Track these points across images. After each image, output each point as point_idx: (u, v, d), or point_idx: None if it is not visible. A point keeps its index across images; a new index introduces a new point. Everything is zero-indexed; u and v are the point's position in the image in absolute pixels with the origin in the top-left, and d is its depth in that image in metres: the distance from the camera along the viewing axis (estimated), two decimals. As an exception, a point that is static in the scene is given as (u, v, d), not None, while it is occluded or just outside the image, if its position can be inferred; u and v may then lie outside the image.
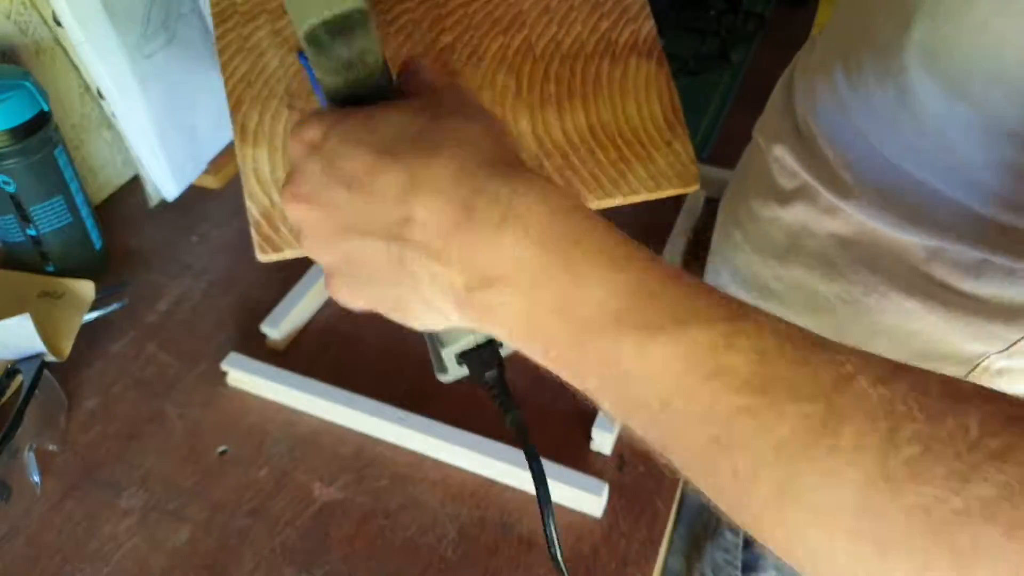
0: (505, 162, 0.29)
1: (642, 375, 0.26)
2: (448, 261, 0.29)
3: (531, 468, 0.36)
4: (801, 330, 0.25)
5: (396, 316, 0.33)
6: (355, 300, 0.34)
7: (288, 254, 0.51)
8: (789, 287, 0.51)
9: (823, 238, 0.48)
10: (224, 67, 0.51)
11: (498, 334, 0.30)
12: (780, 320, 0.26)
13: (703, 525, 0.62)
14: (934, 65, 0.38)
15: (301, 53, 0.51)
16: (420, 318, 0.33)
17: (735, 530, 0.59)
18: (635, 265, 0.27)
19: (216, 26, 0.52)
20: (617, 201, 0.52)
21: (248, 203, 0.50)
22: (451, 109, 0.31)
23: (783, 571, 0.58)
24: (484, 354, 0.37)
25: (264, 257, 0.49)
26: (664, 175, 0.53)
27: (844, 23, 0.48)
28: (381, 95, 0.35)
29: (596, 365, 0.27)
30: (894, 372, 0.24)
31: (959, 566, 0.21)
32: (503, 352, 0.38)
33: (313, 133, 0.33)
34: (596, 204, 0.52)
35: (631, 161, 0.53)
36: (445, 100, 0.32)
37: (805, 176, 0.49)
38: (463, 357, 0.38)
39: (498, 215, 0.28)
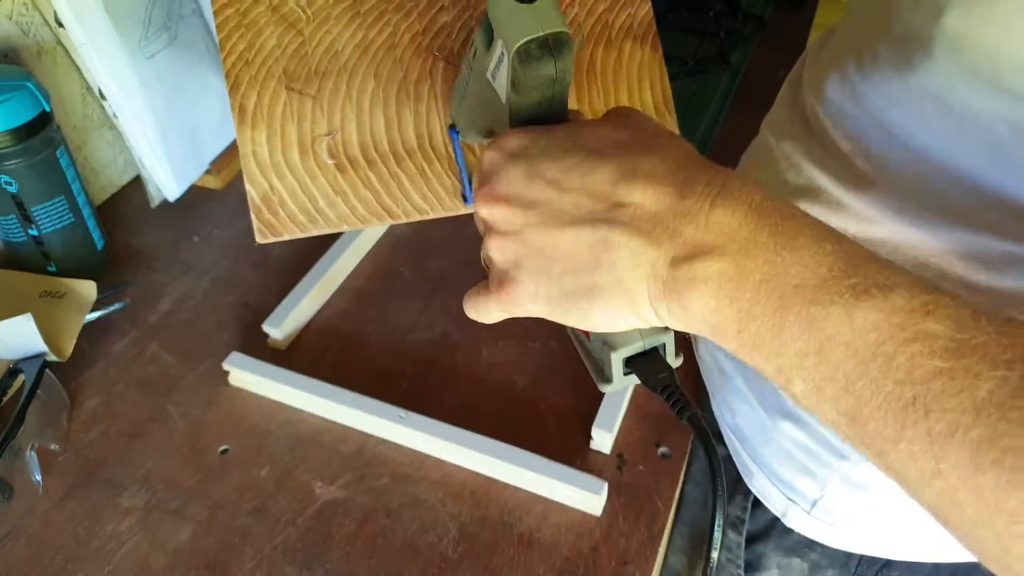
0: (710, 163, 0.32)
1: (844, 340, 0.27)
2: (657, 239, 0.30)
3: (710, 465, 0.36)
4: (994, 308, 0.26)
5: (578, 313, 0.34)
6: (536, 296, 0.35)
7: (286, 237, 0.50)
8: None
9: None
10: (222, 44, 0.51)
11: (694, 312, 0.30)
12: (966, 299, 0.27)
13: (705, 524, 0.63)
14: (964, 54, 0.38)
15: (452, 128, 0.50)
16: (607, 309, 0.33)
17: (738, 530, 0.59)
18: (838, 237, 0.29)
19: (213, 1, 0.51)
20: None
21: (248, 187, 0.50)
22: (649, 127, 0.34)
23: (785, 569, 0.58)
24: (652, 359, 0.38)
25: (263, 240, 0.49)
26: None
27: (860, 17, 0.47)
28: (560, 119, 0.38)
29: (796, 334, 0.28)
30: None
31: None
32: (668, 359, 0.38)
33: (515, 143, 0.35)
34: None
35: None
36: (637, 119, 0.35)
37: (813, 172, 0.49)
38: (630, 364, 0.38)
39: (712, 194, 0.30)
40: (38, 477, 0.56)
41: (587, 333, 0.39)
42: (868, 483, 0.49)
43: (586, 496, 0.54)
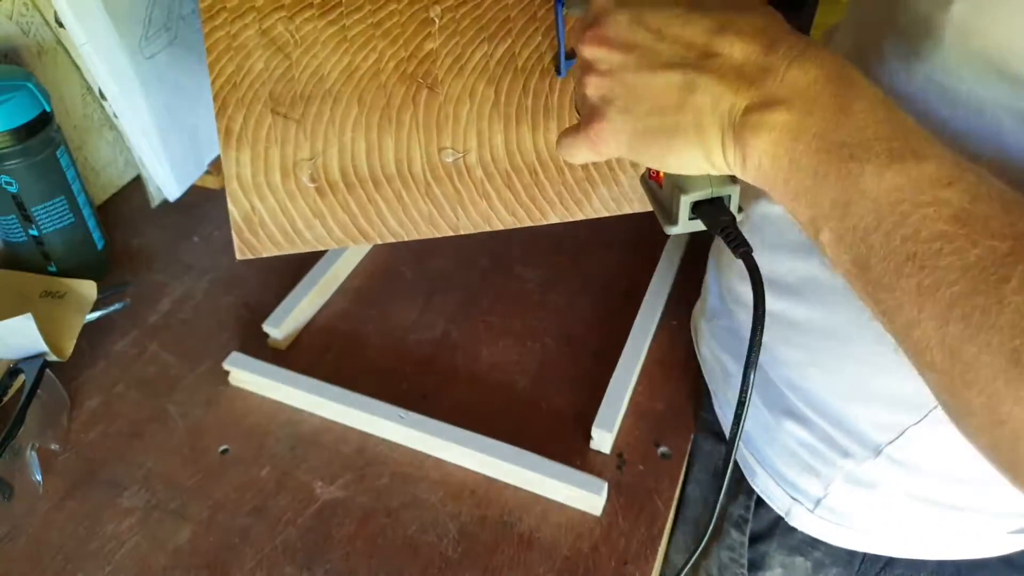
0: (796, 31, 0.35)
1: (872, 195, 0.30)
2: (737, 88, 0.34)
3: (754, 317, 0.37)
4: (1017, 193, 0.30)
5: (657, 150, 0.37)
6: (622, 132, 0.38)
7: (265, 255, 0.52)
8: (804, 279, 0.51)
9: None
10: (211, 67, 0.52)
11: (753, 158, 0.34)
12: (998, 182, 0.30)
13: (707, 524, 0.63)
14: (972, 41, 0.38)
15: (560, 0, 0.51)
16: (683, 150, 0.36)
17: (741, 529, 0.59)
18: (892, 109, 0.32)
19: (204, 23, 0.52)
20: (578, 218, 0.53)
21: (230, 206, 0.51)
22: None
23: (788, 568, 0.58)
24: (717, 207, 0.40)
25: (242, 257, 0.51)
26: (627, 197, 0.54)
27: (863, 13, 0.47)
28: None
29: (834, 185, 0.32)
30: None
31: None
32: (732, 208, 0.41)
33: None
34: (555, 219, 0.53)
35: (596, 182, 0.54)
36: None
37: None
38: (696, 210, 0.40)
39: (792, 55, 0.33)
40: (38, 477, 0.56)
41: (659, 180, 0.42)
42: (872, 481, 0.49)
43: (586, 496, 0.54)
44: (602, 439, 0.58)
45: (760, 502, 0.57)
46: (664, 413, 0.61)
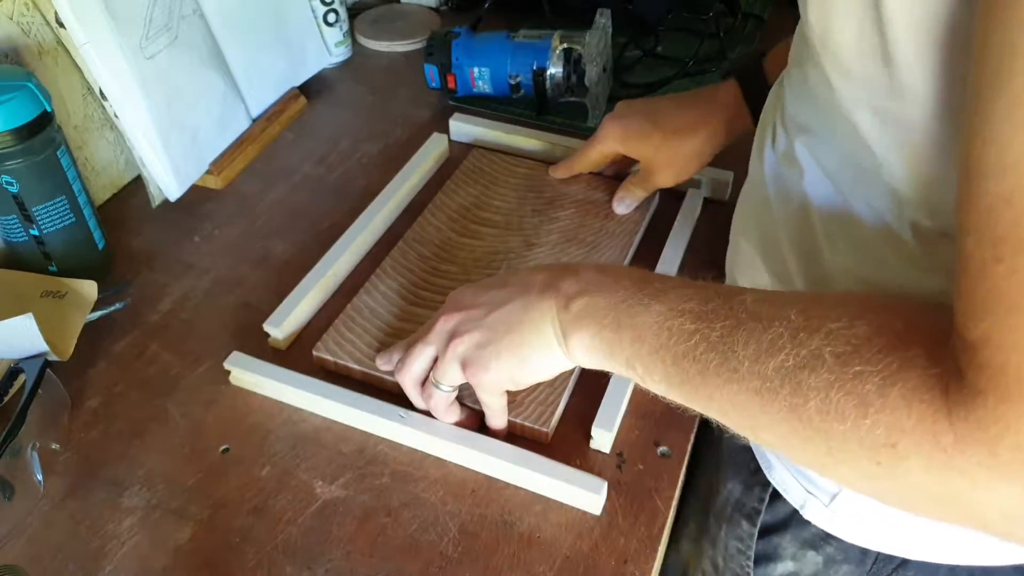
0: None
1: (649, 324, 0.43)
2: (554, 295, 0.49)
3: None
4: (734, 287, 0.44)
5: (515, 362, 0.51)
6: (495, 361, 0.51)
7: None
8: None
9: None
10: None
11: (582, 337, 0.47)
12: (722, 286, 0.43)
13: (719, 511, 0.63)
14: (821, 43, 0.39)
15: None
16: (533, 356, 0.50)
17: (752, 520, 0.59)
18: (643, 272, 0.48)
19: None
20: None
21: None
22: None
23: (800, 561, 0.58)
24: None
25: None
26: None
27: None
28: None
29: (627, 331, 0.44)
30: (768, 295, 0.41)
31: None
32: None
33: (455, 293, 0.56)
34: None
35: None
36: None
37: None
38: None
39: (575, 269, 0.50)
40: (39, 477, 0.56)
41: None
42: None
43: (586, 495, 0.54)
44: (602, 439, 0.58)
45: (776, 495, 0.58)
46: (664, 413, 0.61)
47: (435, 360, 0.55)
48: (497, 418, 0.57)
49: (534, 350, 0.50)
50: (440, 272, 0.69)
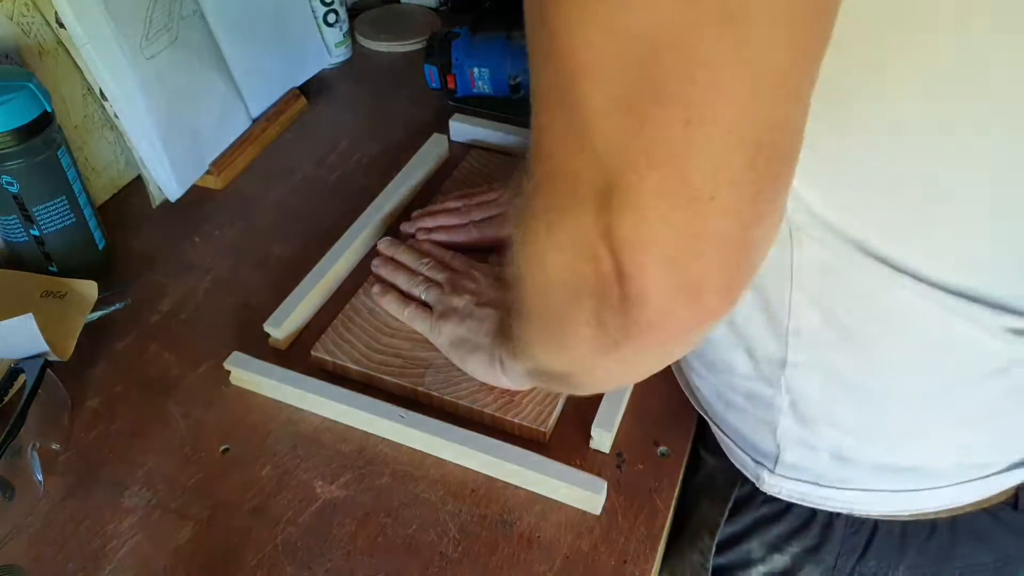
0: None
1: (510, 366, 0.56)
2: (504, 307, 0.57)
3: None
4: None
5: (465, 352, 0.60)
6: (459, 346, 0.61)
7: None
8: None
9: None
10: None
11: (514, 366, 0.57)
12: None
13: (688, 531, 0.63)
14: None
15: None
16: (478, 352, 0.59)
17: (712, 533, 0.60)
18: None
19: None
20: None
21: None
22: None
23: (768, 563, 0.58)
24: None
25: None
26: None
27: None
28: None
29: (520, 367, 0.54)
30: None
31: None
32: None
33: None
34: None
35: None
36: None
37: None
38: None
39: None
40: (39, 477, 0.56)
41: None
42: (810, 417, 0.49)
43: (586, 495, 0.54)
44: (601, 438, 0.58)
45: (736, 507, 0.58)
46: (663, 413, 0.61)
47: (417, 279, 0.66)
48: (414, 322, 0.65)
49: (477, 346, 0.59)
50: None
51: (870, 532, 0.53)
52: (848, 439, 0.49)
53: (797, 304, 0.45)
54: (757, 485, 0.56)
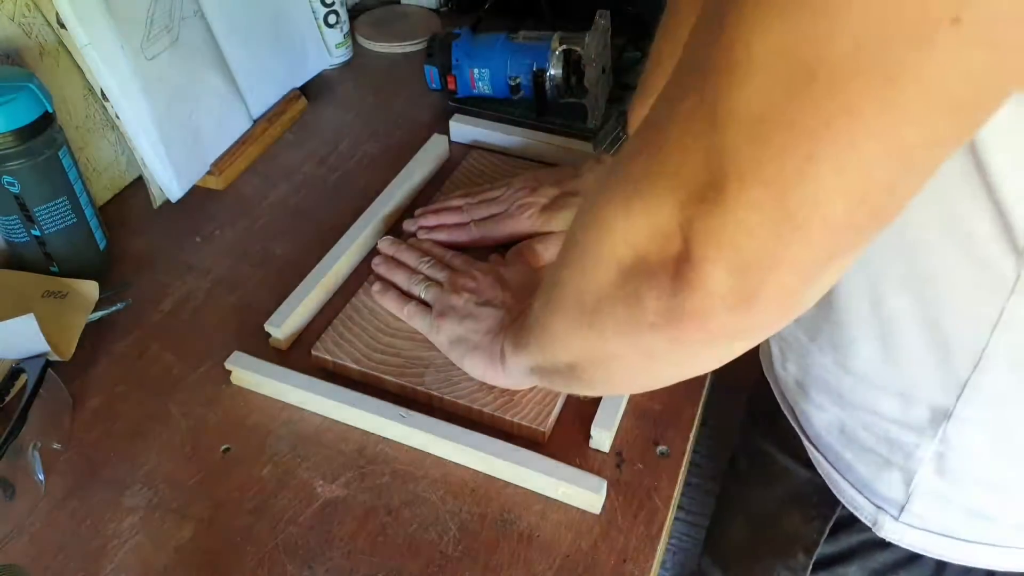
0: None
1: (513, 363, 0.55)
2: (504, 306, 0.60)
3: None
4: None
5: (464, 351, 0.60)
6: (450, 333, 0.62)
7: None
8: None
9: None
10: None
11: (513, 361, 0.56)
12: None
13: (773, 542, 0.62)
14: None
15: None
16: (477, 351, 0.59)
17: (809, 552, 0.58)
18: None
19: None
20: None
21: None
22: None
23: None
24: None
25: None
26: None
27: None
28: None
29: (524, 363, 0.53)
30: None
31: None
32: None
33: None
34: None
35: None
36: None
37: None
38: None
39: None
40: (41, 476, 0.56)
41: None
42: (959, 472, 0.47)
43: (585, 494, 0.54)
44: (601, 438, 0.58)
45: (837, 527, 0.57)
46: (663, 412, 0.61)
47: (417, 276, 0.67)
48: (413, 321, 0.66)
49: (477, 343, 0.59)
50: None
51: None
52: (994, 496, 0.47)
53: (990, 357, 0.42)
54: (874, 530, 0.53)
